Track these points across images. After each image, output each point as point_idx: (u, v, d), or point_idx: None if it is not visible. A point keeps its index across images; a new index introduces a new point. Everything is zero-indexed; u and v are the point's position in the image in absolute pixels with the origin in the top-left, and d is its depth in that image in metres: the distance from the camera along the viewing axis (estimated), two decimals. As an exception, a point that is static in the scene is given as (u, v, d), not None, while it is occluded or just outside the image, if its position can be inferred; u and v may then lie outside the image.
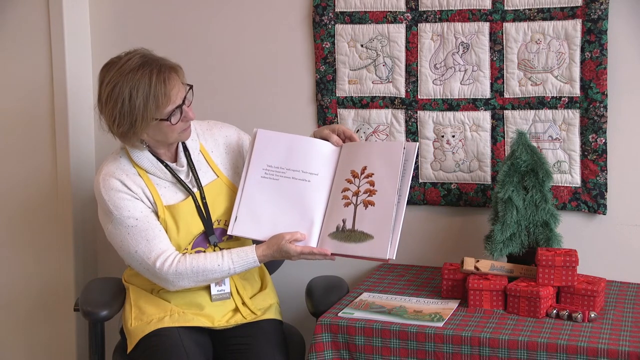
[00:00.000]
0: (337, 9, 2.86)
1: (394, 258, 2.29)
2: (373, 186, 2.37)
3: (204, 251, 2.46)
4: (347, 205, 2.39)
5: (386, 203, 2.33)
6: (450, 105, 2.78)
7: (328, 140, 2.48)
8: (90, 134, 3.19)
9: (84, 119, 3.16)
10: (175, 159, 2.48)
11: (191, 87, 2.39)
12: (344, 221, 2.37)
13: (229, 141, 2.59)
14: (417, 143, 2.46)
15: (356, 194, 2.39)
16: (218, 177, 2.53)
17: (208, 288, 2.50)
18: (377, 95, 2.86)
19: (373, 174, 2.39)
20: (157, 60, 2.34)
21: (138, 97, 2.28)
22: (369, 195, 2.37)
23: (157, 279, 2.40)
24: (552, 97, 2.68)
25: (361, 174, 2.40)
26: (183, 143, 2.48)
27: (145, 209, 2.41)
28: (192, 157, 2.49)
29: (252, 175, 2.47)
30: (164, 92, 2.30)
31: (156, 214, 2.42)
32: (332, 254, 2.36)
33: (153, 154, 2.44)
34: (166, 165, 2.45)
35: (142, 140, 2.39)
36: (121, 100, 2.29)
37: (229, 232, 2.45)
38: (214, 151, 2.56)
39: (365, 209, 2.36)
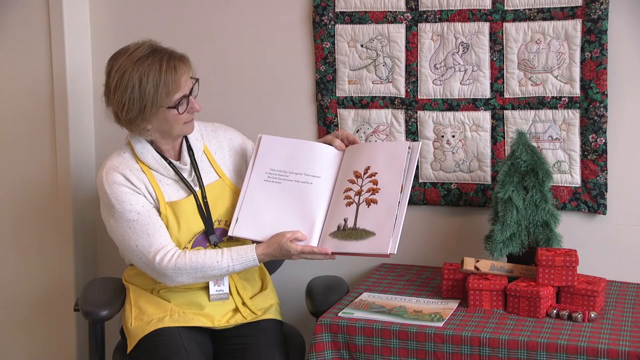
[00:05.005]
0: (337, 9, 2.86)
1: (395, 252, 2.29)
2: (376, 185, 2.38)
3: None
4: (349, 204, 2.39)
5: (389, 201, 2.34)
6: (450, 105, 2.79)
7: (331, 145, 2.50)
8: (90, 133, 3.19)
9: (84, 118, 3.16)
10: (179, 157, 2.49)
11: (197, 80, 2.41)
12: (345, 220, 2.38)
13: (233, 144, 2.60)
14: (420, 142, 2.46)
15: (359, 193, 2.39)
16: (220, 177, 2.54)
17: (207, 288, 2.50)
18: (377, 95, 2.86)
19: (376, 173, 2.40)
20: (165, 49, 2.39)
21: (148, 83, 2.31)
22: (371, 194, 2.37)
23: (156, 273, 2.40)
24: (552, 97, 2.68)
25: (364, 174, 2.41)
26: (187, 142, 2.50)
27: (147, 204, 2.41)
28: (195, 156, 2.50)
29: (255, 178, 2.48)
30: (174, 78, 2.34)
31: (158, 210, 2.43)
32: (332, 253, 2.36)
33: (157, 151, 2.45)
34: (169, 163, 2.46)
35: (147, 129, 2.41)
36: (131, 86, 2.32)
37: (229, 234, 2.46)
38: (218, 153, 2.57)
39: (368, 207, 2.36)
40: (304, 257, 2.38)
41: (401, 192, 2.35)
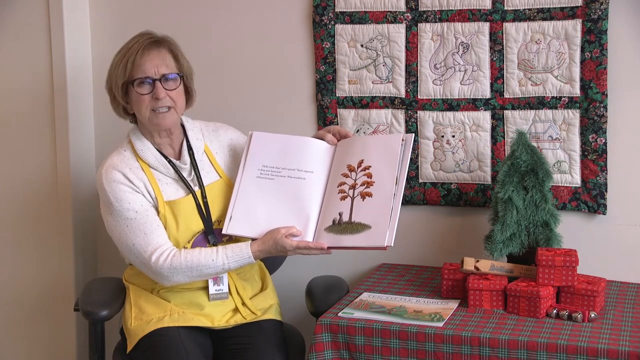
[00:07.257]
0: (337, 9, 2.86)
1: (392, 245, 2.29)
2: (370, 178, 2.38)
3: (202, 249, 2.47)
4: (343, 198, 2.39)
5: (384, 193, 2.34)
6: (450, 105, 2.79)
7: (323, 139, 2.50)
8: (90, 133, 3.19)
9: (84, 118, 3.16)
10: (179, 156, 2.50)
11: (181, 76, 2.43)
12: (340, 214, 2.38)
13: (234, 144, 2.60)
14: (413, 134, 2.46)
15: (353, 187, 2.39)
16: (221, 177, 2.54)
17: (207, 288, 2.50)
18: (377, 95, 2.86)
19: (370, 166, 2.39)
20: (153, 34, 2.45)
21: (116, 57, 2.42)
22: (366, 187, 2.37)
23: (152, 273, 2.41)
24: (552, 97, 2.68)
25: (358, 167, 2.41)
26: (187, 142, 2.50)
27: (145, 203, 2.42)
28: (195, 156, 2.51)
29: (247, 175, 2.48)
30: (134, 59, 2.38)
31: (156, 209, 2.43)
32: (328, 248, 2.36)
33: (157, 150, 2.46)
34: (170, 162, 2.46)
35: (126, 110, 2.47)
36: (110, 65, 2.44)
37: (223, 231, 2.45)
38: (219, 152, 2.57)
39: (363, 200, 2.36)
40: (300, 253, 2.38)
41: (396, 184, 2.34)
